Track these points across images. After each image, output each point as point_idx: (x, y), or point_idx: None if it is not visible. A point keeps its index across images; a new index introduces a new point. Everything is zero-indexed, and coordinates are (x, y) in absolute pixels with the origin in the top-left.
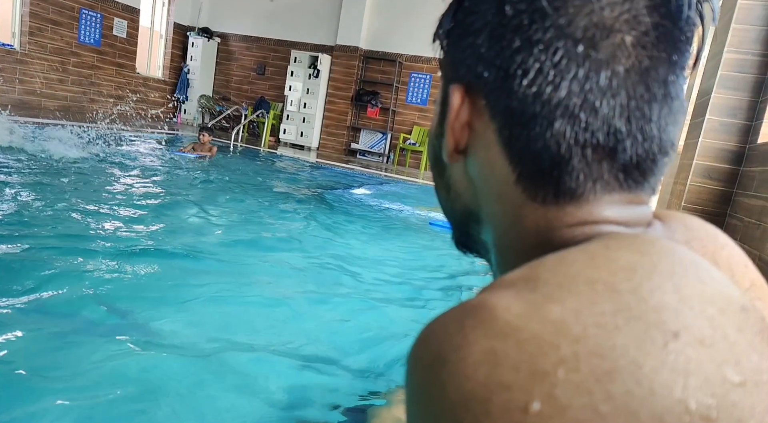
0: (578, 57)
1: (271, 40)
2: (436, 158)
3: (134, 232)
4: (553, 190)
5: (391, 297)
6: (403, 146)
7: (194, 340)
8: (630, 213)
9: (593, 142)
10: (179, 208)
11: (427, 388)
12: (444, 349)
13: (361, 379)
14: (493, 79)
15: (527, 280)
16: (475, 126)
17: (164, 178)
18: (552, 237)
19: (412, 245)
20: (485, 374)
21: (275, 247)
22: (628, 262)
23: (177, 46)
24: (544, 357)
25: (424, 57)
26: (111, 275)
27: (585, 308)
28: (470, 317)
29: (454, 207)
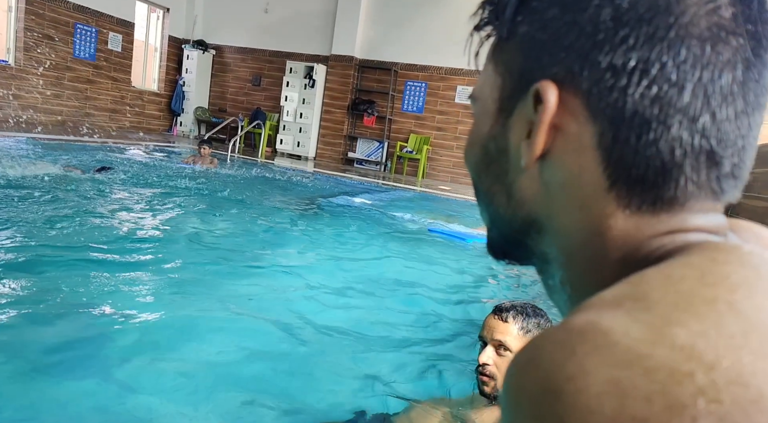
0: (703, 58)
1: (266, 52)
2: (489, 162)
3: (135, 244)
4: (652, 197)
5: (394, 304)
6: (400, 154)
7: (198, 350)
8: (716, 221)
9: (707, 149)
10: (181, 220)
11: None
12: (555, 379)
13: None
14: (599, 78)
15: (635, 299)
16: (567, 128)
17: (166, 190)
18: (639, 247)
19: (412, 252)
20: (613, 407)
21: (277, 257)
22: (742, 277)
23: (172, 59)
24: (679, 387)
25: (419, 65)
26: (112, 286)
27: (712, 331)
28: (582, 342)
29: (514, 215)
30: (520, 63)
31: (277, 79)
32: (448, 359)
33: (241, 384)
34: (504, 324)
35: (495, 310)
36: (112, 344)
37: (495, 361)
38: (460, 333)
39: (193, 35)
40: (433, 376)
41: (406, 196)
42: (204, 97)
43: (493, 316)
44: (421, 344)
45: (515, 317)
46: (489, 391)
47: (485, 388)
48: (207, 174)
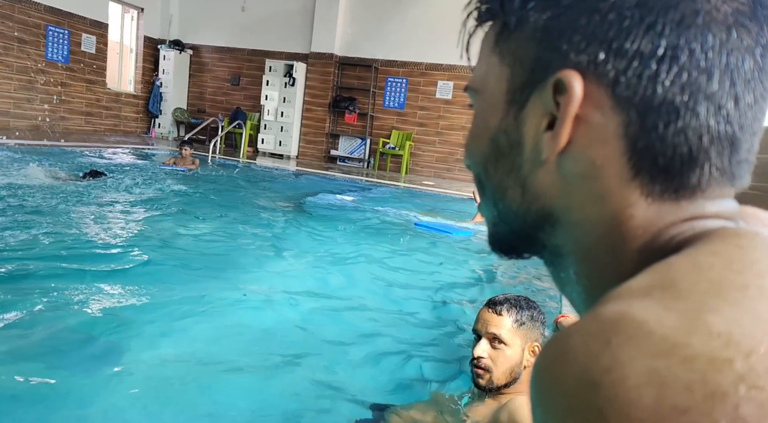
0: (728, 43)
1: (244, 50)
2: (499, 156)
3: (118, 249)
4: (675, 185)
5: (385, 301)
6: (383, 151)
7: (184, 356)
8: (731, 207)
9: (730, 135)
10: (164, 223)
11: (577, 417)
12: (592, 372)
13: (367, 391)
14: (626, 66)
15: (664, 288)
16: (590, 118)
17: (148, 193)
18: (658, 235)
19: (399, 247)
20: (653, 398)
21: (264, 257)
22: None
23: (148, 60)
24: (719, 374)
25: (399, 61)
26: (96, 290)
27: (746, 317)
28: (616, 333)
29: (528, 209)
30: (534, 53)
31: (257, 78)
32: (442, 353)
33: (232, 387)
34: (498, 317)
35: (489, 303)
36: (97, 347)
37: (490, 353)
38: (452, 326)
39: (169, 35)
40: (427, 371)
41: (390, 192)
42: (182, 98)
43: (487, 310)
44: (414, 339)
45: (509, 310)
46: (484, 384)
47: (480, 380)
48: (189, 175)
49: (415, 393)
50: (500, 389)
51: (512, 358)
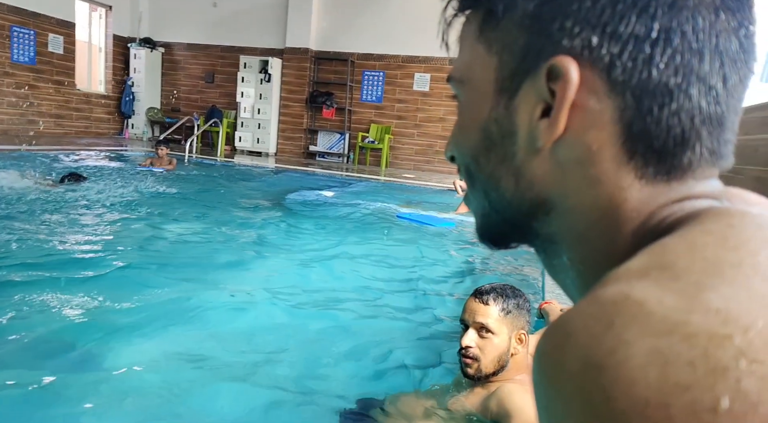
0: (717, 24)
1: (217, 47)
2: (491, 145)
3: (97, 253)
4: (668, 166)
5: (369, 294)
6: (362, 145)
7: (167, 356)
8: (717, 186)
9: (719, 114)
10: (143, 225)
11: (584, 400)
12: (596, 353)
13: (354, 385)
14: (621, 50)
15: (661, 268)
16: (585, 104)
17: (125, 195)
18: (650, 216)
19: (383, 240)
20: (657, 376)
21: (248, 254)
22: (760, 240)
23: (118, 59)
24: (720, 350)
25: (376, 54)
26: (75, 295)
27: (743, 293)
28: (618, 314)
29: (523, 198)
30: (524, 40)
31: (231, 75)
32: (429, 344)
33: (216, 386)
34: (485, 306)
35: (475, 293)
36: (76, 353)
37: (477, 343)
38: (438, 317)
39: (139, 33)
40: (415, 362)
41: (370, 186)
42: (155, 97)
43: (474, 299)
44: (400, 331)
45: (495, 299)
46: (472, 373)
47: (469, 370)
48: (166, 176)
49: (404, 384)
50: (488, 377)
51: (500, 347)
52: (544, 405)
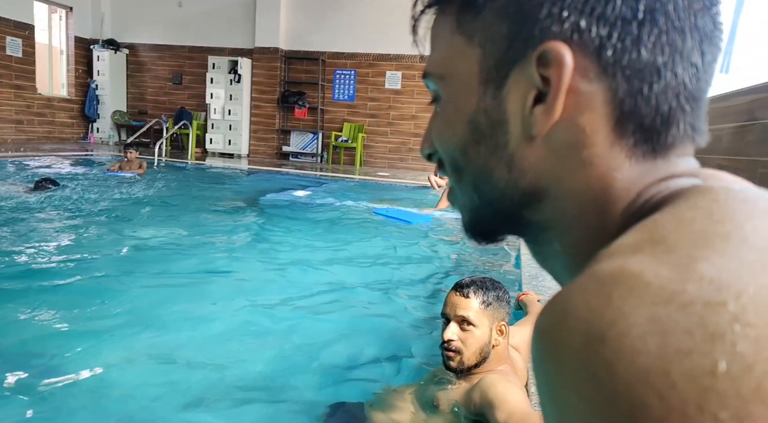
0: (694, 3)
1: (184, 48)
2: (480, 137)
3: (68, 261)
4: (654, 144)
5: (348, 292)
6: (336, 144)
7: (141, 363)
8: (694, 164)
9: (698, 91)
10: (115, 232)
11: (587, 372)
12: (597, 326)
13: (336, 385)
14: (609, 32)
15: (654, 243)
16: (579, 87)
17: (93, 202)
18: (638, 195)
19: (360, 238)
20: (657, 345)
21: (224, 258)
22: (745, 212)
23: (81, 62)
24: (716, 316)
25: (346, 53)
26: (45, 303)
27: (733, 262)
28: (616, 287)
29: (516, 187)
30: (508, 29)
31: (200, 76)
32: (409, 339)
33: (201, 388)
34: (466, 300)
35: (456, 286)
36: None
37: (459, 335)
38: (417, 313)
39: (102, 34)
40: (396, 359)
41: (345, 185)
42: (121, 100)
43: (455, 293)
44: (379, 328)
45: (476, 292)
46: (455, 366)
47: (451, 363)
48: (136, 181)
49: (387, 381)
50: (471, 370)
51: (481, 339)
52: (545, 381)
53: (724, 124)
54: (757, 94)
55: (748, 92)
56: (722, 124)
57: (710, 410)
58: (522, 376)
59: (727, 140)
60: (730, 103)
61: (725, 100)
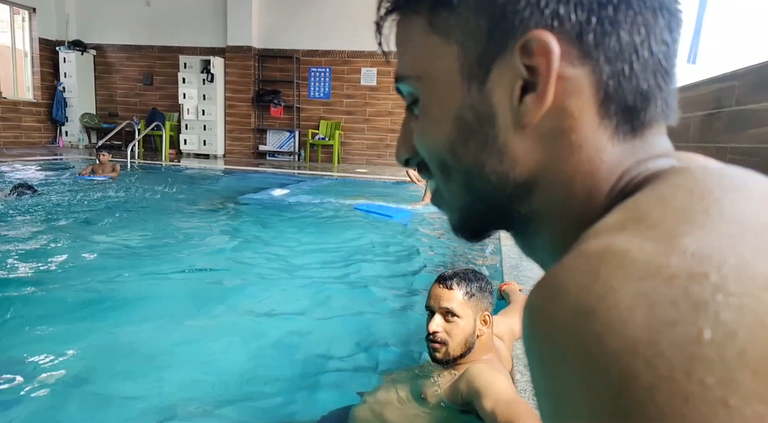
0: None
1: (154, 47)
2: (468, 134)
3: (41, 269)
4: (634, 123)
5: (332, 289)
6: (313, 142)
7: (120, 367)
8: (669, 145)
9: (670, 68)
10: (89, 237)
11: (578, 345)
12: (586, 302)
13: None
14: (588, 17)
15: (637, 221)
16: (565, 73)
17: (66, 208)
18: (621, 177)
19: (341, 235)
20: (644, 316)
21: (205, 260)
22: (722, 189)
23: (47, 64)
24: (699, 286)
25: (321, 50)
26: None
27: (713, 236)
28: (603, 264)
29: (507, 179)
30: (486, 23)
31: (172, 77)
32: (393, 334)
33: (185, 392)
34: (449, 291)
35: (439, 279)
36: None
37: (444, 327)
38: (401, 307)
39: (68, 36)
40: (382, 354)
41: (324, 183)
42: (90, 102)
43: (438, 285)
44: (365, 323)
45: (459, 284)
46: (441, 357)
47: (437, 354)
48: (110, 184)
49: (373, 376)
50: (456, 360)
51: (466, 329)
52: (537, 359)
53: (693, 112)
54: (722, 82)
55: (714, 81)
56: (691, 113)
57: (697, 376)
58: (507, 364)
59: (695, 128)
60: (697, 92)
61: (693, 89)
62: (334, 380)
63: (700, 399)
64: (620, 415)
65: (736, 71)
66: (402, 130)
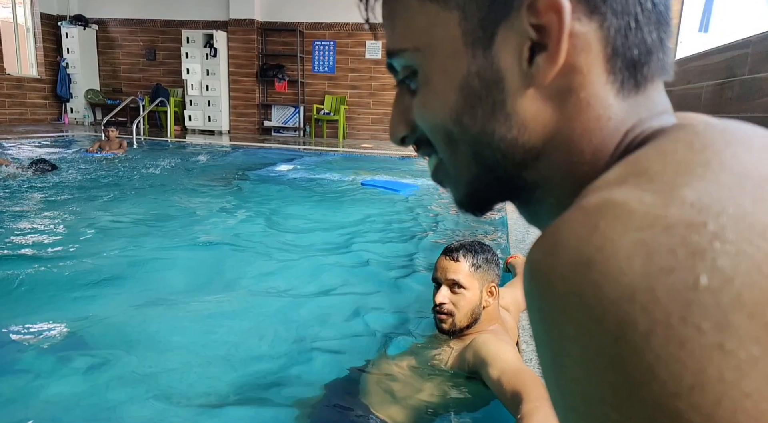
0: None
1: (156, 22)
2: (475, 101)
3: (53, 245)
4: (638, 78)
5: (340, 262)
6: (318, 117)
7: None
8: (668, 101)
9: (670, 20)
10: (101, 214)
11: (577, 295)
12: (585, 253)
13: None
14: None
15: (637, 174)
16: (575, 29)
17: (76, 184)
18: (626, 136)
19: (349, 209)
20: (641, 264)
21: (216, 235)
22: (723, 141)
23: (49, 39)
24: (697, 235)
25: (325, 23)
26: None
27: (713, 186)
28: (602, 216)
29: (515, 144)
30: None
31: (175, 51)
32: (401, 306)
33: (198, 369)
34: (456, 263)
35: (445, 251)
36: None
37: (451, 299)
38: (407, 279)
39: (69, 10)
40: (391, 325)
41: (330, 158)
42: (93, 78)
43: (445, 258)
44: (372, 296)
45: (465, 256)
46: (447, 328)
47: (443, 325)
48: (118, 160)
49: (382, 347)
50: (463, 331)
51: (472, 301)
52: (538, 311)
53: (705, 82)
54: (735, 50)
55: (726, 49)
56: (702, 82)
57: (693, 321)
58: (513, 334)
59: (707, 97)
60: (709, 60)
61: (705, 58)
62: (339, 352)
63: (696, 343)
64: (617, 361)
65: (749, 38)
66: (395, 108)
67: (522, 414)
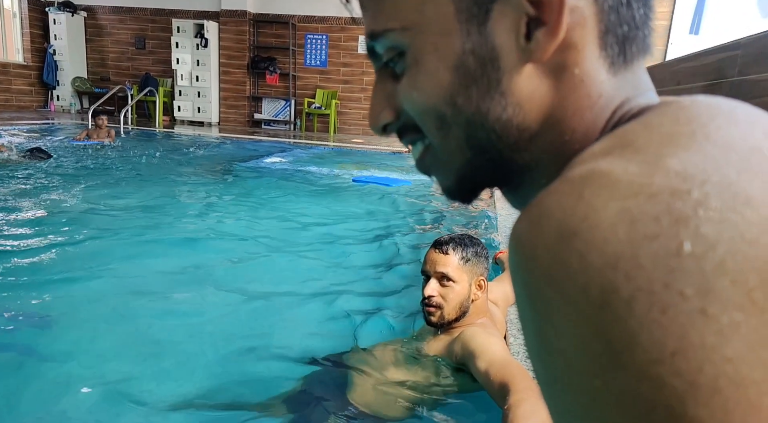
0: None
1: (146, 10)
2: (470, 81)
3: (39, 235)
4: (626, 54)
5: (328, 256)
6: (309, 111)
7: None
8: (650, 80)
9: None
10: (88, 204)
11: (561, 264)
12: (569, 223)
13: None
14: None
15: (623, 146)
16: (572, 3)
17: (63, 174)
18: (615, 113)
19: (339, 203)
20: (625, 232)
21: (202, 228)
22: (708, 115)
23: (36, 26)
24: (681, 202)
25: (317, 16)
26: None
27: (698, 156)
28: (587, 186)
29: (511, 125)
30: None
31: (165, 41)
32: (390, 298)
33: (189, 354)
34: (445, 256)
35: (435, 244)
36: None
37: (439, 291)
38: (396, 272)
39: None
40: (378, 317)
41: (321, 152)
42: (81, 66)
43: (434, 250)
44: (360, 289)
45: (455, 249)
46: (436, 321)
47: (432, 318)
48: (107, 149)
49: (370, 338)
50: (451, 324)
51: (461, 294)
52: (523, 284)
53: (694, 83)
54: (725, 52)
55: (716, 51)
56: (692, 83)
57: (676, 287)
58: (501, 328)
59: None
60: (699, 62)
61: (695, 59)
62: (325, 345)
63: (678, 309)
64: (600, 329)
65: (739, 41)
66: (377, 94)
67: (509, 405)
